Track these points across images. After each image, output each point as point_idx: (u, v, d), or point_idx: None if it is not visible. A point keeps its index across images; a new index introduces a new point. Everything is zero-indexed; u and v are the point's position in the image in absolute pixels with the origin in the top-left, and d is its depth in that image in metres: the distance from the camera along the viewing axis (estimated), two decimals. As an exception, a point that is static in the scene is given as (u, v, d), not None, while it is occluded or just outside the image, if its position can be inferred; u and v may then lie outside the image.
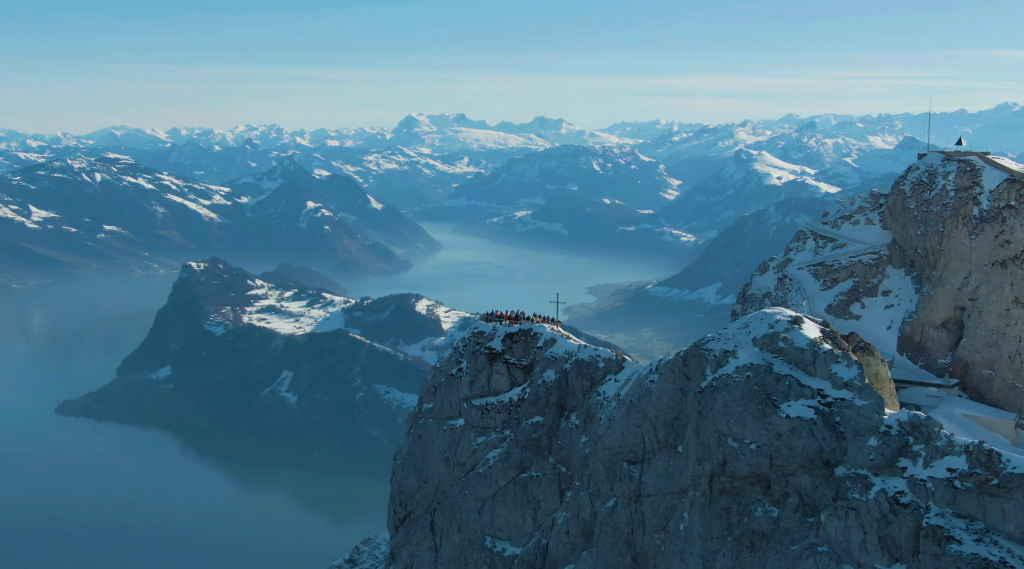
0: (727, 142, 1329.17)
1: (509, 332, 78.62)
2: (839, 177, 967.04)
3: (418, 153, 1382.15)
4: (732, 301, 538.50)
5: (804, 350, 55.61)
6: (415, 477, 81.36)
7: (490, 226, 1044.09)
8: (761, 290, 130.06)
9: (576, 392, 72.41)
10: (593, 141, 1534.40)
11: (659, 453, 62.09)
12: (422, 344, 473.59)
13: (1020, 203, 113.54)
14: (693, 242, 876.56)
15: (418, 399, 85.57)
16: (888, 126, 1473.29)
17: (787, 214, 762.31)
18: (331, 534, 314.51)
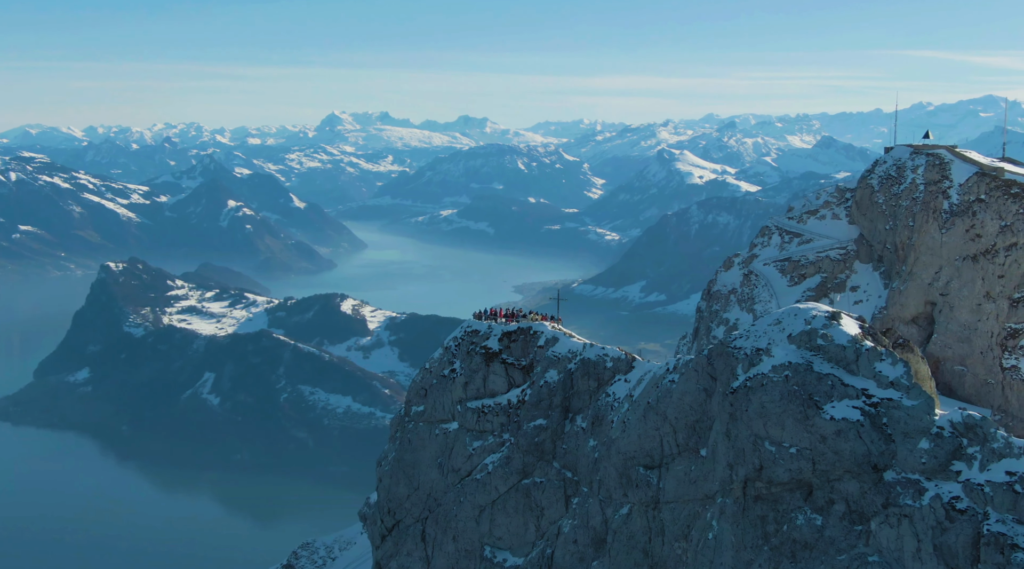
0: (650, 141, 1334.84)
1: (507, 331, 74.87)
2: (759, 176, 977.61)
3: (342, 151, 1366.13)
4: (656, 298, 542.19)
5: (845, 347, 52.63)
6: (405, 484, 77.13)
7: (415, 225, 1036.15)
8: (727, 286, 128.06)
9: (582, 393, 68.81)
10: (518, 140, 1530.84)
11: (679, 457, 58.78)
12: (348, 344, 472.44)
13: (990, 197, 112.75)
14: (617, 241, 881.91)
15: (405, 402, 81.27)
16: (806, 126, 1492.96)
17: (709, 213, 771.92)
18: (256, 537, 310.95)
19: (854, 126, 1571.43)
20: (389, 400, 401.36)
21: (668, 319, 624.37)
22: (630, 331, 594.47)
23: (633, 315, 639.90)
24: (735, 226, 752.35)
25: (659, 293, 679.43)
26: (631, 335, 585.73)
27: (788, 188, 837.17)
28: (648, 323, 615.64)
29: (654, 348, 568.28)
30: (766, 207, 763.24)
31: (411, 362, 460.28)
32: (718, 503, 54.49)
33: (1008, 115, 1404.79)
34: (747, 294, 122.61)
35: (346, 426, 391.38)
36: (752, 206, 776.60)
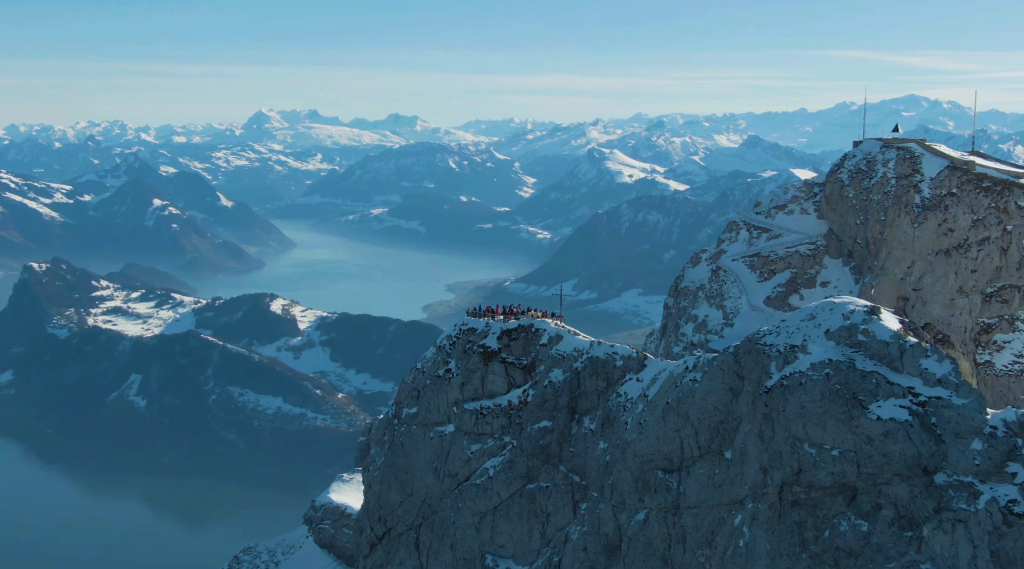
0: (580, 140, 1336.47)
1: (506, 328, 71.15)
2: (687, 175, 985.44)
3: (269, 150, 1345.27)
4: (588, 296, 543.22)
5: (888, 343, 50.01)
6: (397, 490, 73.16)
7: (346, 224, 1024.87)
8: (695, 282, 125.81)
9: (589, 393, 65.49)
10: (448, 138, 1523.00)
11: (701, 460, 55.88)
12: (278, 345, 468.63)
13: (962, 191, 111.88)
14: (549, 239, 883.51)
15: (394, 403, 77.27)
16: (733, 125, 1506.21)
17: (639, 211, 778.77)
18: (184, 541, 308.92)
19: (780, 125, 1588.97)
20: (320, 401, 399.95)
21: (600, 317, 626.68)
22: None
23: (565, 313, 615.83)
24: (665, 225, 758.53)
25: (591, 291, 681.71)
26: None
27: (716, 187, 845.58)
28: (580, 321, 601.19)
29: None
30: (695, 206, 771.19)
31: (343, 362, 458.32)
32: (749, 508, 51.61)
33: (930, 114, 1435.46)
34: (716, 290, 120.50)
35: (277, 427, 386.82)
36: (681, 205, 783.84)
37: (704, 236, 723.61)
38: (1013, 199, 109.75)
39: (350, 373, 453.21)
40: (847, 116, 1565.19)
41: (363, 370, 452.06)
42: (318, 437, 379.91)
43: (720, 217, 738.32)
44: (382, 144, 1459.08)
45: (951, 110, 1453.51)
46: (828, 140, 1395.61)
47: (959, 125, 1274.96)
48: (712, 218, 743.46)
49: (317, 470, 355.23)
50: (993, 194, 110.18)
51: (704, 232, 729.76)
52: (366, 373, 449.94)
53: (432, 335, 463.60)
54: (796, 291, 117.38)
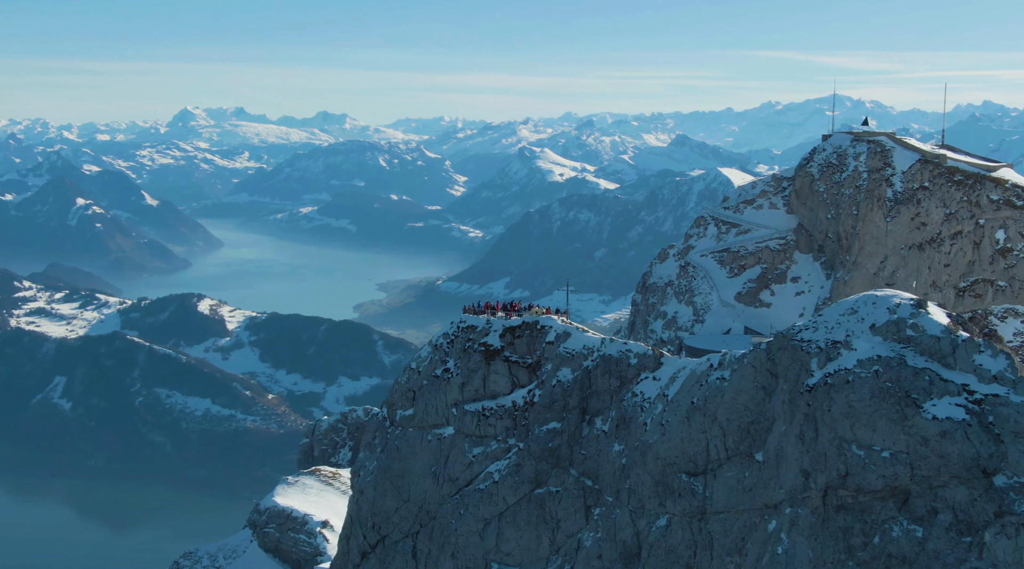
0: (510, 139, 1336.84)
1: (509, 325, 67.53)
2: (617, 174, 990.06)
3: (195, 147, 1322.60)
4: (520, 295, 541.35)
5: (940, 338, 47.37)
6: (393, 496, 69.10)
7: (274, 222, 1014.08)
8: (663, 278, 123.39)
9: (601, 393, 62.11)
10: (378, 137, 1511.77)
11: (728, 463, 52.94)
12: (206, 345, 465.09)
13: (934, 184, 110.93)
14: (481, 238, 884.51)
15: (385, 406, 73.21)
16: (661, 124, 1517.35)
17: (570, 210, 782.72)
18: (111, 544, 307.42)
19: (707, 125, 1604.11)
20: (250, 402, 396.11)
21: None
22: None
23: None
24: (596, 223, 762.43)
25: (523, 289, 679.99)
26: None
27: (646, 185, 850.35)
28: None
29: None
30: (625, 204, 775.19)
31: (272, 363, 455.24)
32: (786, 514, 48.73)
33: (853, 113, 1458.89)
34: (685, 286, 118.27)
35: (205, 429, 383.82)
36: (612, 203, 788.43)
37: (635, 234, 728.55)
38: (985, 193, 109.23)
39: (280, 374, 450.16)
40: (772, 115, 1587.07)
41: (294, 370, 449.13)
42: (248, 439, 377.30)
43: (650, 216, 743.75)
44: (311, 142, 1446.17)
45: (874, 109, 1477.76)
46: (754, 139, 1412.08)
47: (882, 124, 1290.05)
48: (642, 217, 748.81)
49: (247, 472, 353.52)
50: (965, 188, 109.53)
51: (635, 231, 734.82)
52: (297, 373, 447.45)
53: (364, 335, 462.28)
54: (767, 287, 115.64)
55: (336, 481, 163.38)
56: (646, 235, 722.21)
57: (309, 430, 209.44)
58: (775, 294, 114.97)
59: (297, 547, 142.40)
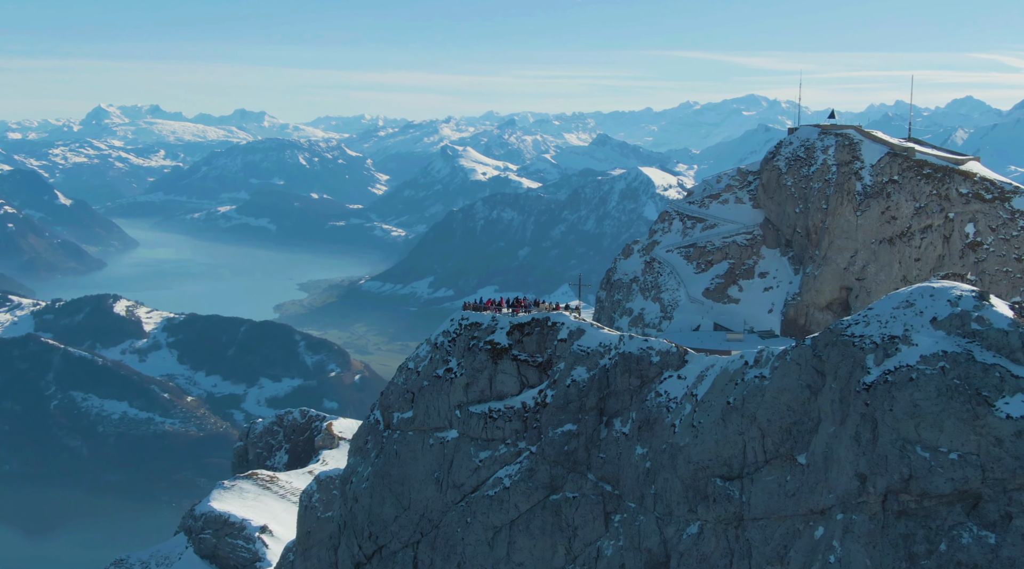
0: (432, 138, 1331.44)
1: (517, 323, 63.60)
2: (540, 173, 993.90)
3: (110, 146, 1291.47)
4: (444, 294, 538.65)
5: (1008, 332, 44.52)
6: (392, 503, 64.75)
7: (191, 222, 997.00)
8: (628, 275, 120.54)
9: (620, 393, 58.44)
10: (298, 135, 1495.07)
11: (767, 466, 49.80)
12: (122, 347, 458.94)
13: (903, 177, 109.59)
14: (404, 237, 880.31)
15: (379, 408, 68.86)
16: (582, 124, 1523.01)
17: (494, 209, 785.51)
18: (27, 549, 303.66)
19: (627, 124, 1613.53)
20: (169, 405, 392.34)
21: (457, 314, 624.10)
22: (420, 327, 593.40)
23: (422, 311, 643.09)
24: (519, 222, 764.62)
25: (447, 288, 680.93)
26: (421, 331, 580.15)
27: (568, 185, 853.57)
28: (437, 319, 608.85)
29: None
30: (548, 203, 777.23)
31: (191, 364, 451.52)
32: (838, 520, 45.71)
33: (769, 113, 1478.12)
34: (651, 282, 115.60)
35: (123, 433, 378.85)
36: (535, 202, 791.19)
37: (558, 233, 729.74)
38: (954, 186, 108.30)
39: (199, 375, 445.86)
40: (691, 115, 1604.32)
41: (213, 372, 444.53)
42: (167, 442, 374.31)
43: (573, 215, 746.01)
44: (228, 140, 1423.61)
45: (789, 109, 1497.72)
46: (673, 139, 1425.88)
47: (797, 123, 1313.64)
48: (565, 215, 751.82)
49: (166, 476, 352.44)
50: (934, 181, 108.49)
51: (558, 229, 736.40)
52: (216, 375, 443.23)
53: (285, 335, 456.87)
54: (735, 282, 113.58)
55: (274, 485, 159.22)
56: (569, 234, 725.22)
57: (243, 433, 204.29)
58: (743, 290, 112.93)
59: (235, 553, 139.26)
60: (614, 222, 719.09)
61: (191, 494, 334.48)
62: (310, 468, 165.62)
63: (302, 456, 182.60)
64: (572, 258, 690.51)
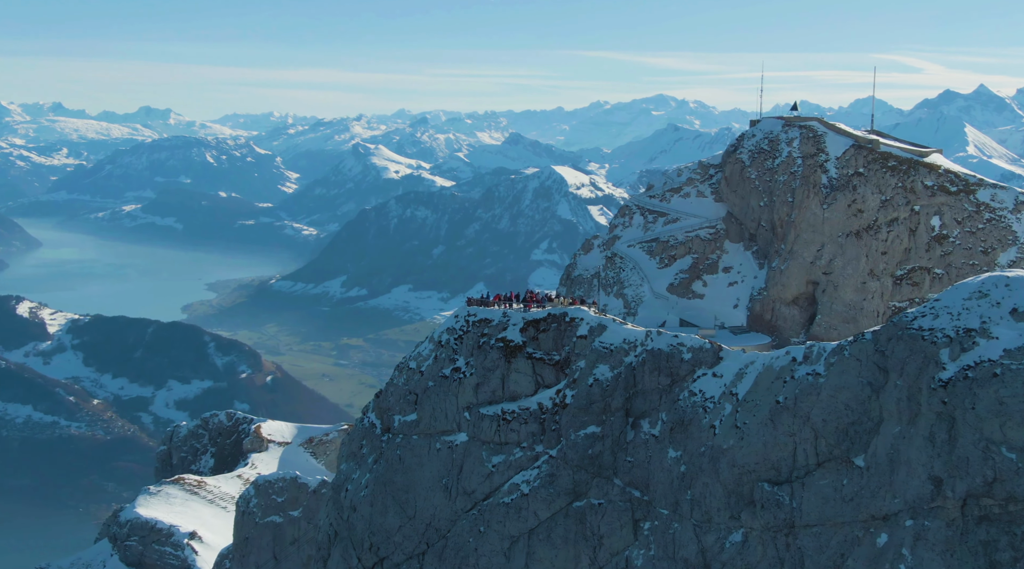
0: (343, 136, 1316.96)
1: (532, 319, 59.24)
2: (453, 171, 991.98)
3: (10, 144, 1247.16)
4: (358, 293, 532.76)
5: None
6: (395, 513, 59.94)
7: (95, 221, 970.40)
8: (589, 270, 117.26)
9: (649, 393, 54.50)
10: (205, 132, 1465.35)
11: (820, 469, 46.35)
12: (26, 350, 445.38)
13: (869, 170, 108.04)
14: (315, 236, 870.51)
15: (373, 410, 64.00)
16: (494, 123, 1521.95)
17: (407, 207, 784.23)
18: None
19: (539, 123, 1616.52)
20: (74, 408, 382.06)
21: (370, 313, 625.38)
22: (333, 327, 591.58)
23: (335, 310, 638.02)
24: (433, 220, 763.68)
25: (360, 288, 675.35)
26: (334, 331, 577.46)
27: (481, 183, 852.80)
28: (350, 318, 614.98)
29: (358, 343, 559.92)
30: (462, 202, 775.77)
31: (97, 367, 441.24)
32: (908, 527, 42.46)
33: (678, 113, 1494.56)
34: (613, 277, 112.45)
35: (27, 437, 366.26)
36: (449, 201, 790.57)
37: (472, 232, 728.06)
38: (919, 178, 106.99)
39: (106, 378, 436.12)
40: (601, 115, 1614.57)
41: (120, 374, 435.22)
42: (72, 446, 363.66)
43: (487, 213, 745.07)
44: (133, 138, 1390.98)
45: (697, 109, 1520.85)
46: (584, 138, 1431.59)
47: (705, 123, 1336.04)
48: (479, 214, 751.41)
49: (73, 481, 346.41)
50: (899, 173, 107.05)
51: (472, 228, 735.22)
52: (123, 378, 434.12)
53: (194, 336, 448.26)
54: (699, 277, 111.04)
55: (202, 490, 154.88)
56: (483, 232, 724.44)
57: (167, 437, 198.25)
58: (708, 285, 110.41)
59: (163, 560, 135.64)
60: (528, 221, 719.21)
61: (99, 499, 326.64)
62: (239, 472, 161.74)
63: (229, 460, 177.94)
64: (487, 257, 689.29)
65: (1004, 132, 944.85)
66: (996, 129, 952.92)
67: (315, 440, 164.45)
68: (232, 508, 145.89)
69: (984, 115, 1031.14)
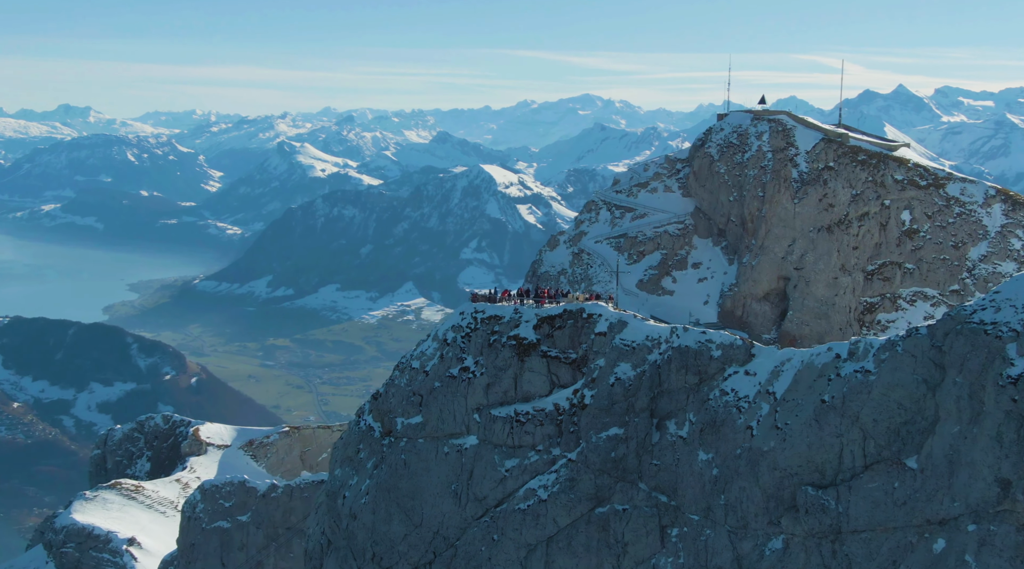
0: (268, 134, 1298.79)
1: (546, 315, 55.81)
2: (380, 169, 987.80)
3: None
4: (284, 293, 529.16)
5: None
6: (400, 520, 56.18)
7: (13, 221, 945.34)
8: (555, 267, 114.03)
9: (675, 392, 51.38)
10: (126, 130, 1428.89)
11: (868, 472, 43.66)
12: None
13: (839, 164, 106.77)
14: (240, 235, 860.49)
15: (371, 413, 60.09)
16: (422, 121, 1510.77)
17: (334, 206, 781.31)
18: None
19: (466, 122, 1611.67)
20: None
21: (297, 313, 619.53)
22: (259, 327, 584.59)
23: (260, 310, 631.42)
24: (361, 219, 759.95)
25: (287, 287, 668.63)
26: (259, 331, 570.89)
27: (409, 182, 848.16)
28: (276, 318, 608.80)
29: (285, 344, 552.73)
30: (390, 201, 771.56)
31: (17, 369, 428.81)
32: (970, 532, 40.00)
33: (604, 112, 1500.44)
34: (581, 274, 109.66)
35: None
36: (376, 200, 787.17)
37: (400, 231, 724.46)
38: (889, 172, 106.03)
39: (26, 381, 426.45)
40: (529, 114, 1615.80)
41: (40, 377, 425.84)
42: None
43: (415, 212, 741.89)
44: (52, 136, 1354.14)
45: (623, 109, 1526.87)
46: (512, 137, 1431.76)
47: (631, 123, 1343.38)
48: (408, 213, 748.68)
49: None
50: (869, 167, 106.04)
51: (400, 227, 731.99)
52: (44, 380, 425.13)
53: (117, 338, 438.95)
54: (668, 273, 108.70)
55: (140, 495, 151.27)
56: (412, 231, 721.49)
57: (101, 440, 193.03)
58: (677, 281, 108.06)
59: (101, 567, 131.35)
60: (457, 219, 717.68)
61: (21, 504, 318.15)
62: (177, 476, 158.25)
63: (166, 463, 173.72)
64: (416, 256, 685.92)
65: (922, 131, 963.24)
66: (915, 128, 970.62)
67: (255, 443, 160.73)
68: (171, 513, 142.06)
69: (903, 115, 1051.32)
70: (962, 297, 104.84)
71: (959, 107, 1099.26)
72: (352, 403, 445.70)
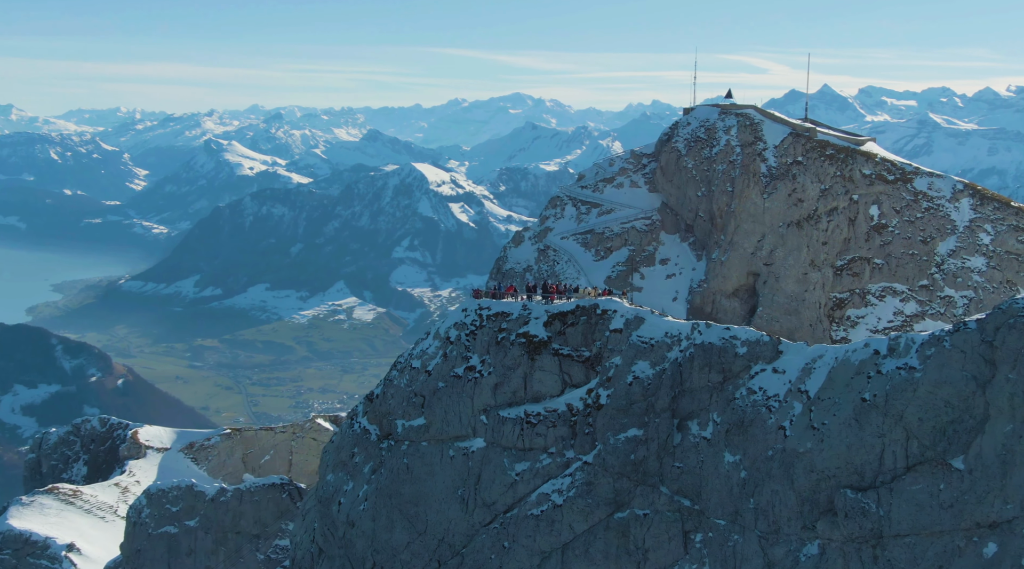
0: (195, 131, 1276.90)
1: (557, 311, 52.71)
2: (310, 168, 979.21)
3: None
4: (212, 293, 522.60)
5: None
6: (403, 528, 52.67)
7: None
8: (520, 263, 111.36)
9: (697, 391, 48.61)
10: (48, 128, 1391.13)
11: (910, 473, 41.35)
12: None
13: (807, 158, 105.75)
14: (166, 234, 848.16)
15: (365, 415, 56.51)
16: (352, 119, 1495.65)
17: (263, 204, 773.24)
18: None
19: (397, 120, 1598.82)
20: None
21: (226, 313, 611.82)
22: (186, 327, 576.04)
23: (188, 311, 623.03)
24: (291, 218, 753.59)
25: (215, 287, 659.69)
26: (187, 332, 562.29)
27: (340, 180, 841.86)
28: (204, 319, 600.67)
29: (213, 344, 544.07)
30: (320, 199, 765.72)
31: None
32: (1025, 534, 38.01)
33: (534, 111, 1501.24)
34: (547, 271, 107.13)
35: None
36: (307, 198, 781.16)
37: (331, 229, 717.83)
38: (857, 167, 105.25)
39: None
40: (460, 112, 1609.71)
41: None
42: None
43: (346, 210, 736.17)
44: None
45: (554, 108, 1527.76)
46: (443, 135, 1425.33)
47: (561, 122, 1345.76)
48: (339, 211, 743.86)
49: None
50: (837, 162, 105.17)
51: (331, 225, 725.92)
52: None
53: (40, 339, 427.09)
54: (636, 269, 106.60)
55: (78, 499, 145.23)
56: (343, 230, 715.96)
57: (35, 444, 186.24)
58: (645, 277, 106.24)
59: None
60: (388, 218, 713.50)
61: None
62: (116, 480, 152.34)
63: (104, 467, 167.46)
64: (347, 254, 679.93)
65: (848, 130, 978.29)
66: (840, 127, 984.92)
67: (196, 445, 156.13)
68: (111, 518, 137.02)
69: (828, 114, 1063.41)
70: (931, 292, 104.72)
71: (883, 107, 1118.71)
72: (282, 403, 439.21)
